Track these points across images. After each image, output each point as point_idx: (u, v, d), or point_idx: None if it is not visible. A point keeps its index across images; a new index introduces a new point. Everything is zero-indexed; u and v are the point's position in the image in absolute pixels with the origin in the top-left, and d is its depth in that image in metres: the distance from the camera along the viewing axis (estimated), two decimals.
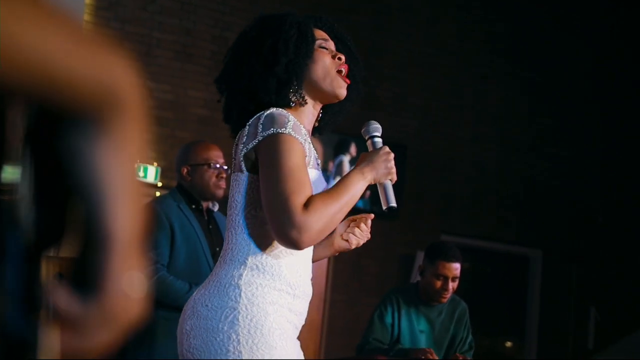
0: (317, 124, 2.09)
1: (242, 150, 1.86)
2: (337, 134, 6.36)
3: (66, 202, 0.70)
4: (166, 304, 3.08)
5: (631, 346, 4.41)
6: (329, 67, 1.99)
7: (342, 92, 2.00)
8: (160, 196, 3.45)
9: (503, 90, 7.59)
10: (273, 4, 6.11)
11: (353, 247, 2.12)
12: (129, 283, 0.72)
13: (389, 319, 3.76)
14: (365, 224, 2.12)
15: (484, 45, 7.55)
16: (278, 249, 1.84)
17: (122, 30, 6.17)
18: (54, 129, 0.69)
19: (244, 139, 1.86)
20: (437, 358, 3.54)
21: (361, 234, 2.11)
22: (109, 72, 0.67)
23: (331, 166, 6.73)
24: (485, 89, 7.54)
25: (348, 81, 2.01)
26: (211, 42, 6.32)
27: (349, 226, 2.12)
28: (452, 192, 7.32)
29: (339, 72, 2.01)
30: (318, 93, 1.99)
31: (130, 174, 0.71)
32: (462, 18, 7.53)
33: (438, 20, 7.45)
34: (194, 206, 3.32)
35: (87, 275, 0.71)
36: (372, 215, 2.13)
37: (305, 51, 1.95)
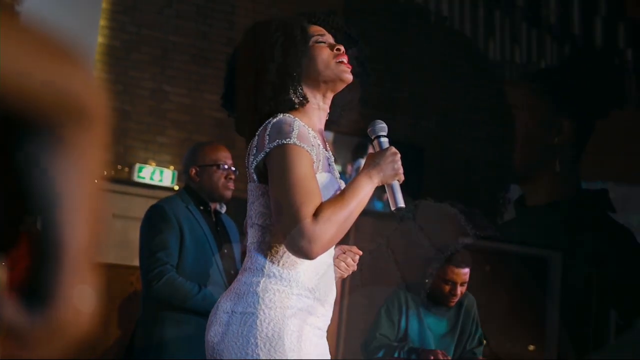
0: (328, 117, 2.07)
1: (252, 163, 1.89)
2: (355, 136, 6.32)
3: (20, 211, 0.69)
4: (175, 305, 3.08)
5: (630, 346, 4.34)
6: (327, 60, 1.98)
7: (348, 76, 1.99)
8: (168, 197, 3.43)
9: (519, 91, 7.54)
10: (288, 6, 6.09)
11: (336, 278, 2.10)
12: (80, 297, 0.70)
13: (395, 315, 3.68)
14: (353, 260, 2.11)
15: (501, 46, 7.50)
16: (294, 256, 1.86)
17: (138, 34, 6.18)
18: (12, 137, 0.67)
19: (254, 151, 1.89)
20: (449, 358, 3.48)
21: (346, 269, 2.10)
22: (70, 81, 0.66)
23: (350, 169, 6.70)
24: (502, 90, 7.49)
25: (350, 67, 2.00)
26: (227, 45, 6.31)
27: (338, 257, 2.10)
28: (470, 194, 7.26)
29: (340, 62, 1.99)
30: (322, 85, 1.99)
31: (88, 186, 0.69)
32: (479, 19, 7.48)
33: (454, 22, 7.41)
34: (202, 207, 3.30)
35: (37, 286, 0.69)
36: (360, 252, 2.12)
37: (295, 51, 1.95)
